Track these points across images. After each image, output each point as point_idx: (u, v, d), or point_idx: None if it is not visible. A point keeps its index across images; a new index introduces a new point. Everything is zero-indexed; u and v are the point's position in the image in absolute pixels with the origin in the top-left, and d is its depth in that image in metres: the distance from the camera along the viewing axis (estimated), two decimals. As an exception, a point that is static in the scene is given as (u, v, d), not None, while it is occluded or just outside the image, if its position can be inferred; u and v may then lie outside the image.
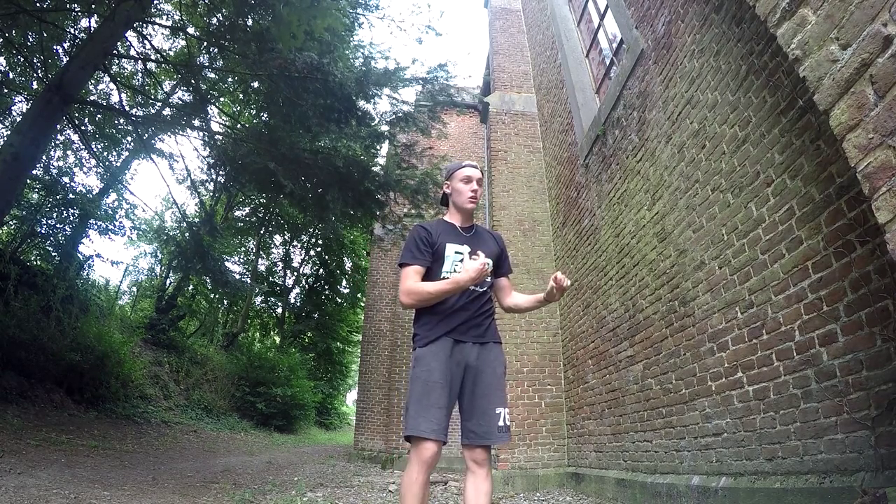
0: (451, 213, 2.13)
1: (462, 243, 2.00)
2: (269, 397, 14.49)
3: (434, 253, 1.95)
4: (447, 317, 1.88)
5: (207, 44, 6.97)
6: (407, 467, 1.77)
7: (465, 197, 2.04)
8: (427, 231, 1.99)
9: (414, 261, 1.92)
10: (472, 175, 2.05)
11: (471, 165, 2.10)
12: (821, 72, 1.27)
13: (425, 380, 1.79)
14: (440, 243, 1.96)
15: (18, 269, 7.78)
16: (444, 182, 2.15)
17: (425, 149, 7.29)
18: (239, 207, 19.25)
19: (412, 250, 1.94)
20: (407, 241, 2.01)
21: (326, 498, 4.29)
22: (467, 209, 2.06)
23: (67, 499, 3.12)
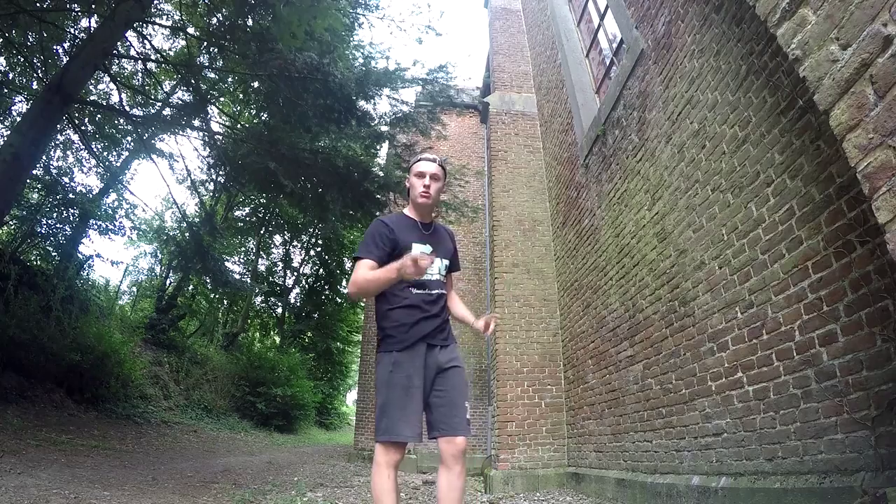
0: (410, 208, 2.12)
1: (424, 241, 2.00)
2: (269, 397, 14.49)
3: (397, 249, 1.92)
4: (419, 322, 1.89)
5: (207, 44, 6.98)
6: (376, 470, 1.78)
7: (416, 191, 2.04)
8: (387, 227, 1.97)
9: (368, 255, 1.91)
10: (424, 170, 2.04)
11: (427, 159, 2.08)
12: (821, 72, 1.27)
13: (406, 386, 1.81)
14: (403, 240, 1.95)
15: (18, 269, 7.78)
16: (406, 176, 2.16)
17: (425, 149, 7.28)
18: (239, 207, 19.25)
19: (368, 244, 1.94)
20: (365, 235, 2.00)
21: (326, 498, 4.29)
22: (418, 203, 2.05)
23: (67, 499, 3.12)
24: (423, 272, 1.74)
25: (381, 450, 1.78)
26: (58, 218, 10.07)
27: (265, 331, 24.47)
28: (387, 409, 1.79)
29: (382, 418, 1.79)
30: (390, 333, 1.91)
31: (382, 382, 1.84)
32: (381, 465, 1.77)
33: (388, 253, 1.92)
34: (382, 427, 1.78)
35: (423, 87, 6.88)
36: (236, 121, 8.88)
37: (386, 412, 1.79)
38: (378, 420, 1.82)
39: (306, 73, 5.64)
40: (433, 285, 1.98)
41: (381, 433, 1.78)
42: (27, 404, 6.66)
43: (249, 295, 18.86)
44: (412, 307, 1.91)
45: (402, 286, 1.91)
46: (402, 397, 1.80)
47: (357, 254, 1.96)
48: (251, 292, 18.88)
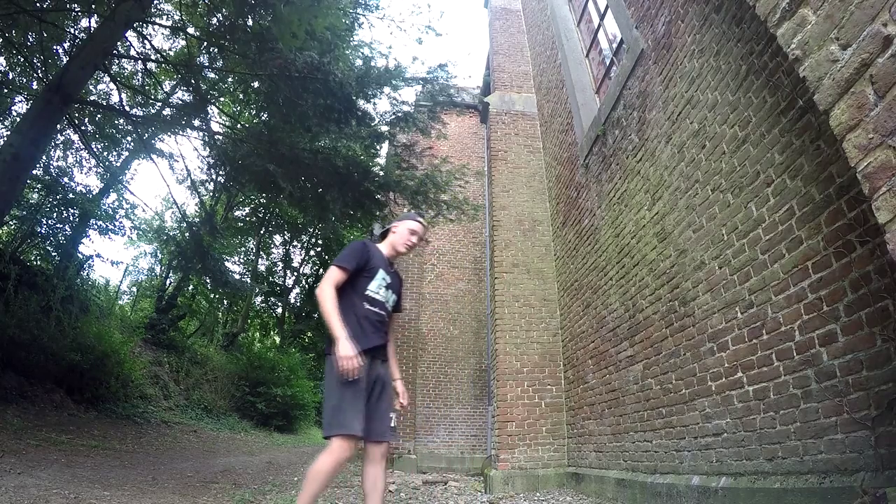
0: (386, 246, 2.51)
1: (388, 272, 2.41)
2: (269, 397, 14.49)
3: (368, 270, 2.31)
4: (367, 336, 2.19)
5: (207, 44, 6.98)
6: (325, 459, 1.97)
7: (403, 241, 2.48)
8: (369, 252, 2.35)
9: (346, 266, 2.23)
10: (417, 230, 2.52)
11: (422, 223, 2.56)
12: (821, 72, 1.27)
13: (357, 388, 2.06)
14: (375, 266, 2.34)
15: (18, 269, 7.78)
16: (395, 223, 2.56)
17: (425, 149, 7.30)
18: (239, 207, 19.25)
19: (349, 258, 2.26)
20: (350, 248, 2.34)
21: (326, 498, 4.29)
22: (400, 252, 2.50)
23: (67, 499, 3.12)
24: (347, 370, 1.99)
25: (339, 444, 1.99)
26: (58, 218, 10.07)
27: (265, 331, 24.48)
28: (343, 407, 2.02)
29: (338, 413, 2.01)
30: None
31: (339, 382, 2.03)
32: (333, 456, 1.97)
33: (358, 267, 2.27)
34: (338, 420, 2.00)
35: (423, 86, 6.87)
36: (236, 121, 8.88)
37: (342, 409, 2.01)
38: (333, 414, 2.02)
39: (306, 72, 5.64)
40: (384, 310, 2.35)
41: (339, 427, 1.99)
42: (27, 404, 6.66)
43: (249, 295, 18.87)
44: (368, 322, 2.23)
45: (362, 301, 2.25)
46: (357, 397, 2.05)
47: (337, 261, 2.26)
48: (251, 292, 18.89)
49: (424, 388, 10.14)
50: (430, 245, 10.56)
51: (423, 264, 11.25)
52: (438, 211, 7.07)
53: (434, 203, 6.92)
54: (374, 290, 2.31)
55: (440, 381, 10.28)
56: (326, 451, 1.99)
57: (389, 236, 2.53)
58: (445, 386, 10.26)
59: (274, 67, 5.62)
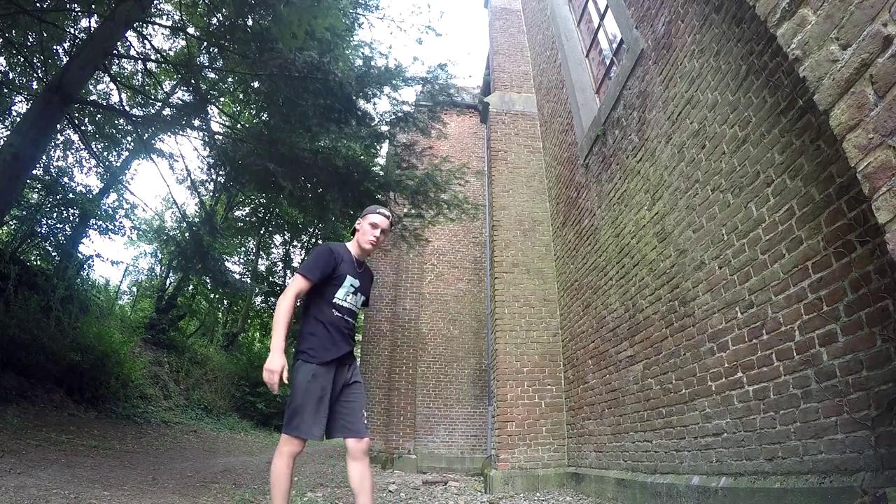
0: (353, 245, 2.45)
1: (356, 277, 2.37)
2: (269, 397, 14.48)
3: (335, 277, 2.29)
4: (336, 345, 2.25)
5: (207, 44, 6.98)
6: (278, 459, 2.13)
7: (366, 238, 2.39)
8: (334, 257, 2.30)
9: (310, 276, 2.22)
10: (378, 223, 2.40)
11: (382, 214, 2.43)
12: (821, 72, 1.27)
13: (320, 396, 2.16)
14: (341, 271, 2.31)
15: (18, 269, 7.78)
16: (358, 220, 2.48)
17: (425, 149, 7.30)
18: (239, 207, 19.25)
19: (313, 267, 2.25)
20: (315, 256, 2.30)
21: (326, 498, 4.29)
22: (366, 249, 2.42)
23: (67, 499, 3.12)
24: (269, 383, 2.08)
25: (289, 441, 2.14)
26: (58, 218, 10.07)
27: (265, 331, 24.45)
28: (301, 411, 2.13)
29: (295, 417, 2.13)
30: (312, 348, 2.22)
31: (300, 388, 2.15)
32: (284, 455, 2.13)
33: (326, 276, 2.26)
34: (294, 424, 2.12)
35: (423, 86, 6.87)
36: (236, 121, 8.88)
37: (299, 413, 2.13)
38: (291, 417, 2.14)
39: (306, 72, 5.64)
40: (352, 315, 2.36)
41: (293, 429, 2.12)
42: (27, 404, 6.66)
43: (249, 295, 18.87)
44: (337, 329, 2.26)
45: (331, 309, 2.27)
46: (316, 404, 2.15)
47: (302, 269, 2.26)
48: (251, 292, 18.89)
49: (424, 388, 10.15)
50: (430, 245, 10.55)
51: (423, 264, 11.26)
52: (439, 210, 7.07)
53: (434, 203, 6.92)
54: (342, 298, 2.31)
55: (440, 381, 10.29)
56: (276, 453, 2.15)
57: (356, 236, 2.45)
58: (445, 386, 10.27)
59: (274, 67, 5.62)
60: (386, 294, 11.51)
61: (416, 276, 10.98)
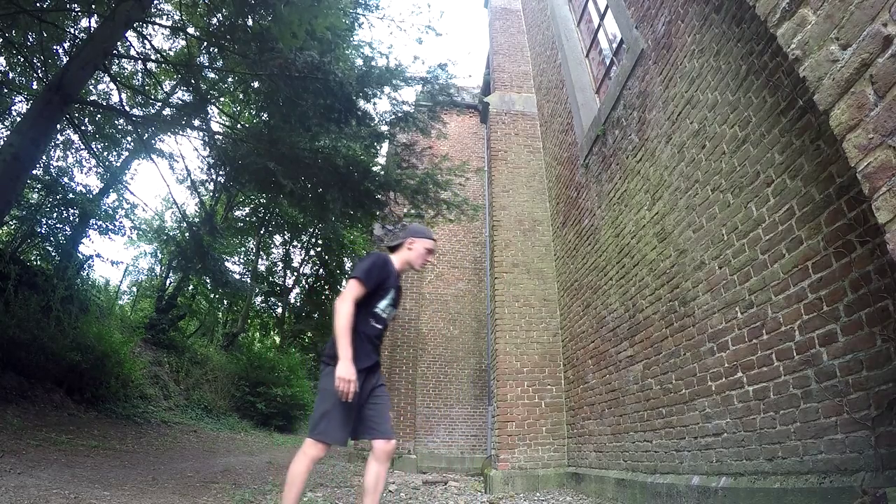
0: (398, 259, 2.51)
1: (396, 288, 2.48)
2: (269, 397, 14.49)
3: (382, 289, 2.35)
4: (368, 355, 2.30)
5: (207, 44, 6.97)
6: (300, 460, 2.13)
7: (420, 261, 2.54)
8: (388, 269, 2.38)
9: (366, 283, 2.26)
10: (433, 248, 2.59)
11: (433, 239, 2.61)
12: (821, 72, 1.27)
13: (350, 403, 2.15)
14: (389, 286, 2.39)
15: (18, 269, 7.78)
16: (410, 238, 2.54)
17: (425, 148, 7.29)
18: (239, 207, 19.25)
19: (371, 273, 2.29)
20: (371, 263, 2.33)
21: (326, 498, 4.29)
22: (415, 269, 2.61)
23: (67, 499, 3.12)
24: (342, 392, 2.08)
25: (314, 445, 2.14)
26: (58, 218, 10.06)
27: (265, 331, 24.47)
28: (329, 416, 2.14)
29: (323, 421, 2.15)
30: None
31: (330, 393, 2.14)
32: (308, 457, 2.13)
33: (376, 286, 2.32)
34: (321, 429, 2.14)
35: (423, 86, 6.86)
36: (236, 121, 8.87)
37: (328, 418, 2.14)
38: (318, 421, 2.16)
39: (307, 72, 5.63)
40: (384, 326, 2.43)
41: (320, 433, 2.14)
42: (27, 404, 6.66)
43: (249, 295, 18.86)
44: (370, 340, 2.32)
45: (369, 318, 2.31)
46: (346, 411, 2.16)
47: (358, 275, 2.28)
48: (251, 292, 18.89)
49: (424, 388, 10.14)
50: (430, 245, 10.54)
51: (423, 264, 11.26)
52: (438, 210, 7.06)
53: (434, 202, 6.91)
54: (382, 309, 2.36)
55: (440, 381, 10.29)
56: (301, 453, 2.13)
57: (403, 252, 2.52)
58: (445, 386, 10.26)
59: (274, 67, 5.62)
60: (386, 294, 11.49)
61: (416, 276, 10.97)
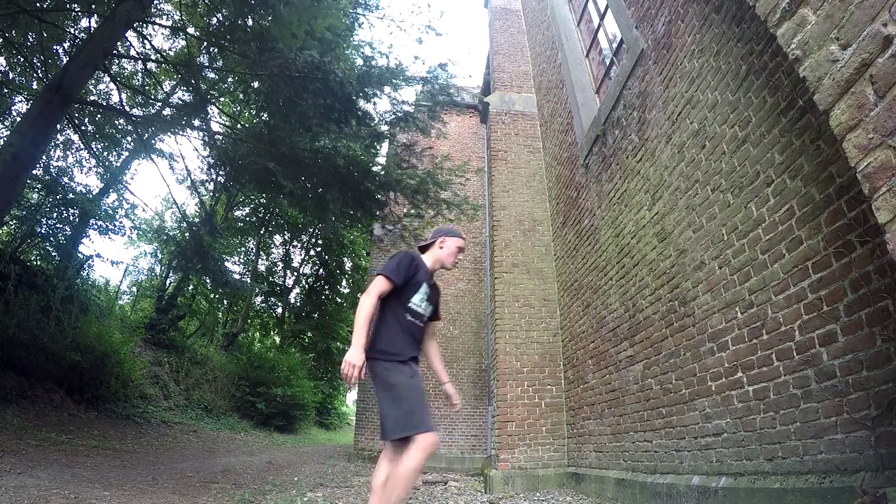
0: (430, 258, 2.58)
1: (430, 285, 2.50)
2: (269, 397, 14.50)
3: (414, 283, 2.39)
4: (411, 346, 2.35)
5: (207, 44, 6.97)
6: (415, 458, 2.07)
7: (451, 259, 2.60)
8: (416, 265, 2.42)
9: (394, 279, 2.30)
10: (463, 247, 2.65)
11: (463, 238, 2.68)
12: (821, 72, 1.27)
13: (419, 388, 2.22)
14: (420, 279, 2.43)
15: (18, 269, 7.78)
16: (441, 237, 2.60)
17: (425, 148, 7.29)
18: (239, 207, 19.25)
19: (398, 269, 2.34)
20: (399, 260, 2.39)
21: (326, 498, 4.29)
22: (446, 267, 2.64)
23: (67, 499, 3.12)
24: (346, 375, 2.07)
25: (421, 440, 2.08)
26: (58, 218, 10.06)
27: (265, 331, 24.48)
28: (417, 408, 2.14)
29: (415, 414, 2.12)
30: (396, 347, 2.28)
31: (405, 386, 2.18)
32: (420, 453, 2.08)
33: (406, 281, 2.35)
34: (416, 421, 2.10)
35: (423, 85, 6.86)
36: (236, 121, 8.87)
37: (416, 411, 2.13)
38: (408, 416, 2.12)
39: (307, 72, 5.63)
40: (422, 321, 2.45)
41: (418, 426, 2.10)
42: (27, 404, 6.67)
43: (249, 295, 18.86)
44: (409, 333, 2.36)
45: (405, 313, 2.35)
46: (419, 398, 2.18)
47: (385, 272, 2.33)
48: (251, 292, 18.89)
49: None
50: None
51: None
52: (438, 210, 7.07)
53: (434, 202, 6.91)
54: (417, 304, 2.40)
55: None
56: (416, 449, 2.08)
57: (434, 250, 2.59)
58: (445, 386, 10.26)
59: (274, 67, 5.62)
60: (386, 294, 11.49)
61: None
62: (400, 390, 2.18)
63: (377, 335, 2.32)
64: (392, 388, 2.19)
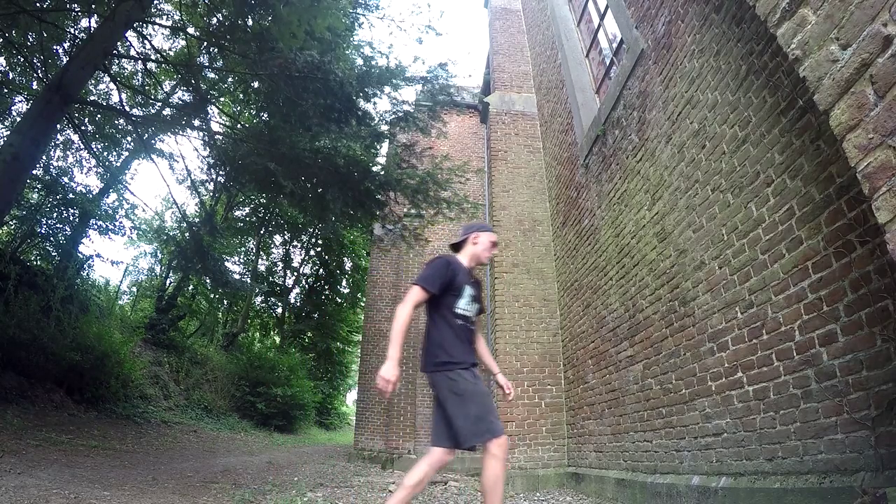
0: (465, 257, 2.56)
1: (471, 286, 2.46)
2: (269, 397, 14.49)
3: (452, 287, 2.36)
4: (467, 351, 2.34)
5: (207, 44, 6.97)
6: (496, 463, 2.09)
7: (486, 254, 2.57)
8: (454, 269, 2.40)
9: (430, 288, 2.30)
10: (496, 241, 2.63)
11: (495, 232, 2.65)
12: (821, 72, 1.27)
13: (484, 393, 2.21)
14: (460, 283, 2.39)
15: (18, 269, 7.78)
16: (473, 233, 2.59)
17: (425, 148, 7.28)
18: (239, 207, 19.25)
19: (433, 278, 2.32)
20: (435, 267, 2.37)
21: (326, 498, 4.29)
22: (483, 263, 2.61)
23: (67, 499, 3.12)
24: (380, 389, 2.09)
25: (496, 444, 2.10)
26: (58, 218, 10.06)
27: (265, 331, 24.47)
28: (486, 414, 2.14)
29: (483, 421, 2.12)
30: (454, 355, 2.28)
31: (471, 393, 2.18)
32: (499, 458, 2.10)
33: (443, 287, 2.33)
34: (485, 427, 2.11)
35: (423, 85, 6.85)
36: (236, 121, 8.86)
37: (483, 417, 2.13)
38: (476, 424, 2.12)
39: (307, 72, 5.63)
40: (470, 323, 2.43)
41: (489, 433, 2.10)
42: (27, 404, 6.67)
43: (249, 295, 18.86)
44: (464, 338, 2.35)
45: (455, 319, 2.35)
46: (488, 403, 2.19)
47: (421, 281, 2.32)
48: (251, 292, 18.88)
49: (424, 388, 10.13)
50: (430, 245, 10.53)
51: (423, 264, 11.26)
52: (439, 209, 7.06)
53: (434, 201, 6.90)
54: (464, 308, 2.38)
55: (440, 381, 10.28)
56: (492, 458, 2.09)
57: (468, 248, 2.57)
58: (445, 386, 10.26)
59: (274, 67, 5.62)
60: (386, 294, 11.51)
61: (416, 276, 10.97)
62: (466, 398, 2.17)
63: (433, 347, 2.31)
64: (458, 397, 2.18)
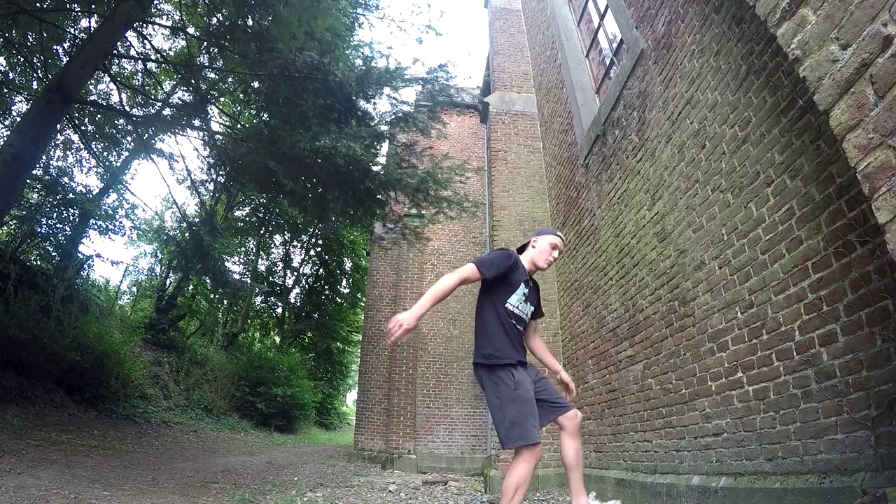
0: (526, 259, 2.54)
1: (527, 287, 2.45)
2: (269, 397, 14.50)
3: (506, 280, 2.36)
4: (516, 348, 2.32)
5: (207, 44, 6.97)
6: (522, 468, 2.09)
7: (545, 257, 2.52)
8: (515, 263, 2.39)
9: (484, 271, 2.28)
10: (557, 244, 2.56)
11: (559, 237, 2.59)
12: (821, 72, 1.27)
13: (527, 398, 2.17)
14: (517, 279, 2.39)
15: (18, 269, 7.78)
16: (534, 237, 2.59)
17: (425, 148, 7.28)
18: (239, 207, 19.25)
19: (491, 266, 2.31)
20: (497, 257, 2.36)
21: (326, 498, 4.29)
22: (540, 268, 2.55)
23: (67, 499, 3.12)
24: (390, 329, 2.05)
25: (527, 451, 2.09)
26: (58, 218, 10.07)
27: (265, 331, 24.48)
28: (521, 421, 2.11)
29: (516, 427, 2.11)
30: (499, 350, 2.27)
31: (509, 398, 2.16)
32: (527, 463, 2.09)
33: (499, 277, 2.33)
34: (517, 434, 2.10)
35: (423, 86, 6.85)
36: (236, 121, 8.86)
37: (519, 423, 2.11)
38: (510, 428, 2.12)
39: (306, 72, 5.63)
40: (521, 323, 2.42)
41: (521, 439, 2.09)
42: (27, 404, 6.67)
43: (249, 295, 18.86)
44: (515, 338, 2.33)
45: (506, 314, 2.33)
46: (530, 408, 2.16)
47: (477, 262, 2.31)
48: (251, 292, 18.88)
49: (424, 388, 10.14)
50: (430, 245, 10.55)
51: (423, 264, 11.25)
52: (439, 209, 7.06)
53: (434, 200, 6.90)
54: (514, 304, 2.36)
55: (440, 381, 10.28)
56: (520, 462, 2.09)
57: (528, 251, 2.55)
58: (445, 386, 10.26)
59: (274, 67, 5.62)
60: (386, 294, 11.51)
61: (416, 276, 10.96)
62: (504, 402, 2.16)
63: (481, 337, 2.31)
64: (497, 399, 2.19)
